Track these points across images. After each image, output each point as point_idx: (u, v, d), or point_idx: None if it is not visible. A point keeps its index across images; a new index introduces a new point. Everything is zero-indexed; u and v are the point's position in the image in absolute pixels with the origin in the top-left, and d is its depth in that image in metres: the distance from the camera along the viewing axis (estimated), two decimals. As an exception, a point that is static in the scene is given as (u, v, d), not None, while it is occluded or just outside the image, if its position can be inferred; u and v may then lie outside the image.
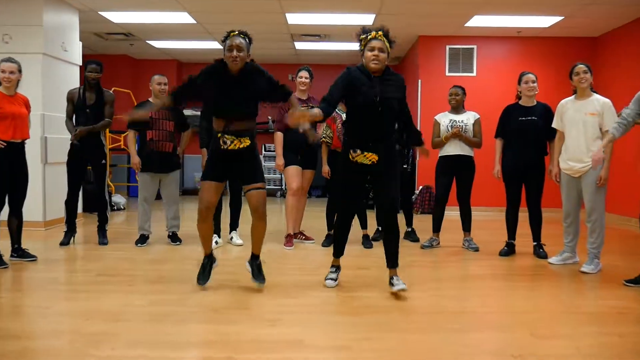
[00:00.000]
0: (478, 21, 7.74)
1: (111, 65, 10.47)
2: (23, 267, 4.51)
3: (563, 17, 7.44)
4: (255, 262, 3.87)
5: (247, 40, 3.64)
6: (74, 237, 5.58)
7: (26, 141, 4.70)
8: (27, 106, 4.68)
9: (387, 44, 3.63)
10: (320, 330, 3.07)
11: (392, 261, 3.74)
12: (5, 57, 4.57)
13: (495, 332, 3.13)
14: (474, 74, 8.70)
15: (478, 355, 2.73)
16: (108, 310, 3.33)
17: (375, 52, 3.59)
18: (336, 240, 3.96)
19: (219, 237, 5.50)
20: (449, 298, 3.74)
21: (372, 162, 3.63)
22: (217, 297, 3.64)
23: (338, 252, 3.98)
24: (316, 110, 3.53)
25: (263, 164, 10.70)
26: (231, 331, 2.99)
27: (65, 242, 5.46)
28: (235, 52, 3.55)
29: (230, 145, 3.61)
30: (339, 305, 3.55)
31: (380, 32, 3.62)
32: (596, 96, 4.54)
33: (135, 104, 9.81)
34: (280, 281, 4.05)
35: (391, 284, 3.67)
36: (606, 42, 8.33)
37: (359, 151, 3.63)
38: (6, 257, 4.57)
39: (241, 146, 3.63)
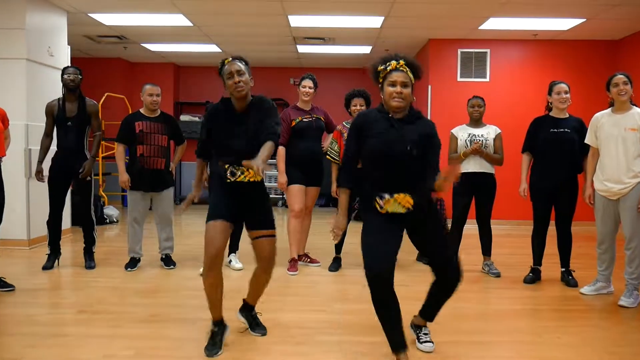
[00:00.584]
0: (492, 24, 7.27)
1: (104, 69, 10.05)
2: (-2, 299, 4.06)
3: (585, 20, 6.96)
4: (250, 314, 3.40)
5: (244, 63, 3.14)
6: (58, 259, 5.13)
7: (3, 158, 4.24)
8: (4, 120, 4.22)
9: (412, 76, 2.89)
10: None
11: (431, 316, 3.17)
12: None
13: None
14: (487, 79, 8.22)
15: None
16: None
17: (398, 88, 2.84)
18: (386, 327, 2.86)
19: None
20: (478, 346, 3.27)
21: (408, 209, 2.84)
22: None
23: (398, 344, 2.86)
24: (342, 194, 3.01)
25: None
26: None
27: (48, 266, 5.01)
28: (237, 77, 3.05)
29: (240, 176, 3.06)
30: (353, 355, 3.08)
31: (402, 62, 2.87)
32: (637, 109, 4.07)
33: (130, 110, 9.40)
34: (285, 321, 3.59)
35: (418, 337, 3.18)
36: (628, 46, 7.85)
37: (387, 196, 2.82)
38: (-21, 287, 4.12)
39: (252, 179, 3.07)
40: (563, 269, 4.71)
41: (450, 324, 3.61)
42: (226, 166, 3.08)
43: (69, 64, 6.71)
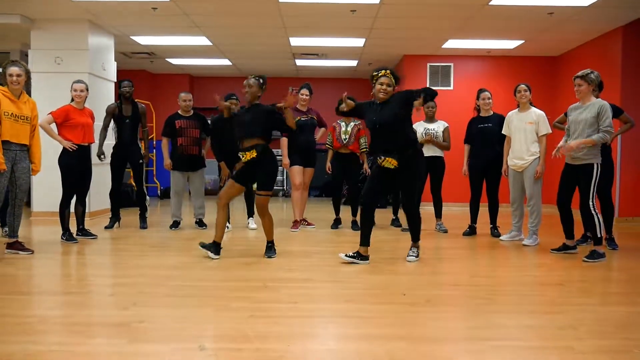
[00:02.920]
0: (453, 43, 9.08)
1: (131, 79, 11.75)
2: (88, 242, 5.78)
3: (524, 41, 8.80)
4: (267, 245, 5.05)
5: (259, 80, 4.93)
6: (118, 222, 6.85)
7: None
8: (92, 117, 5.95)
9: (393, 80, 4.75)
10: (322, 273, 4.37)
11: (413, 237, 4.98)
12: (76, 79, 5.85)
13: (447, 274, 4.44)
14: (452, 87, 10.05)
15: (429, 285, 4.02)
16: (170, 265, 4.62)
17: (384, 87, 4.71)
18: (363, 231, 4.82)
19: (229, 223, 6.70)
20: (422, 260, 5.00)
21: (395, 167, 4.64)
22: (247, 259, 4.90)
23: (364, 242, 4.83)
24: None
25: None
26: (261, 274, 4.30)
27: (109, 226, 6.73)
28: (246, 88, 4.92)
29: (243, 158, 4.88)
30: (336, 261, 4.82)
31: (387, 71, 4.76)
32: (533, 109, 5.87)
33: (154, 114, 11.17)
34: (291, 250, 5.34)
35: (408, 254, 4.94)
36: (565, 60, 9.70)
37: (382, 157, 4.69)
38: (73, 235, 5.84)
39: (249, 157, 4.84)
40: (491, 225, 6.47)
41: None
42: (240, 154, 4.92)
43: (115, 76, 8.50)
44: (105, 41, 8.24)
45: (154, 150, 11.51)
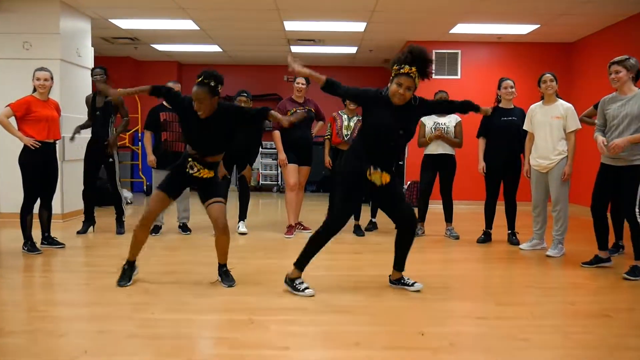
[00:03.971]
0: (462, 28, 8.35)
1: (115, 67, 10.94)
2: (54, 252, 5.08)
3: (539, 25, 8.07)
4: (222, 269, 4.01)
5: (210, 85, 3.67)
6: (93, 226, 6.14)
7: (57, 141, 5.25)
8: (58, 110, 5.22)
9: (417, 82, 3.50)
10: (320, 299, 3.67)
11: (402, 264, 3.90)
12: (39, 66, 5.11)
13: (467, 301, 3.75)
14: (459, 76, 9.33)
15: (449, 318, 3.35)
16: (142, 287, 3.92)
17: (402, 91, 3.46)
18: (309, 253, 3.77)
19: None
20: (434, 277, 4.33)
21: (382, 184, 3.62)
22: (234, 276, 4.20)
23: (303, 265, 3.80)
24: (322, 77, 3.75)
25: (260, 160, 11.47)
26: (248, 300, 3.60)
27: (82, 231, 6.02)
28: (196, 104, 3.66)
29: (195, 172, 3.83)
30: (336, 280, 4.15)
31: (414, 69, 3.44)
32: (560, 101, 5.16)
33: (139, 104, 10.43)
34: (285, 264, 4.60)
35: (405, 284, 3.88)
36: (582, 48, 8.98)
37: (379, 170, 3.59)
38: (37, 244, 5.12)
39: (205, 176, 3.86)
40: (509, 232, 5.79)
41: (416, 265, 4.56)
42: (189, 159, 3.83)
43: (93, 63, 7.74)
44: (80, 25, 7.47)
45: (140, 143, 10.78)
